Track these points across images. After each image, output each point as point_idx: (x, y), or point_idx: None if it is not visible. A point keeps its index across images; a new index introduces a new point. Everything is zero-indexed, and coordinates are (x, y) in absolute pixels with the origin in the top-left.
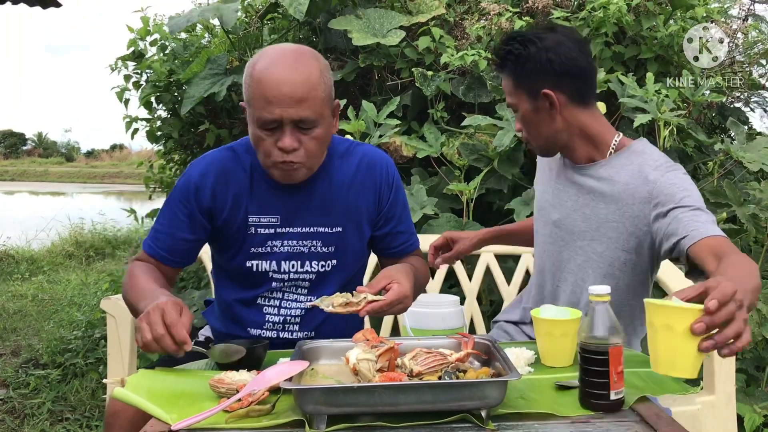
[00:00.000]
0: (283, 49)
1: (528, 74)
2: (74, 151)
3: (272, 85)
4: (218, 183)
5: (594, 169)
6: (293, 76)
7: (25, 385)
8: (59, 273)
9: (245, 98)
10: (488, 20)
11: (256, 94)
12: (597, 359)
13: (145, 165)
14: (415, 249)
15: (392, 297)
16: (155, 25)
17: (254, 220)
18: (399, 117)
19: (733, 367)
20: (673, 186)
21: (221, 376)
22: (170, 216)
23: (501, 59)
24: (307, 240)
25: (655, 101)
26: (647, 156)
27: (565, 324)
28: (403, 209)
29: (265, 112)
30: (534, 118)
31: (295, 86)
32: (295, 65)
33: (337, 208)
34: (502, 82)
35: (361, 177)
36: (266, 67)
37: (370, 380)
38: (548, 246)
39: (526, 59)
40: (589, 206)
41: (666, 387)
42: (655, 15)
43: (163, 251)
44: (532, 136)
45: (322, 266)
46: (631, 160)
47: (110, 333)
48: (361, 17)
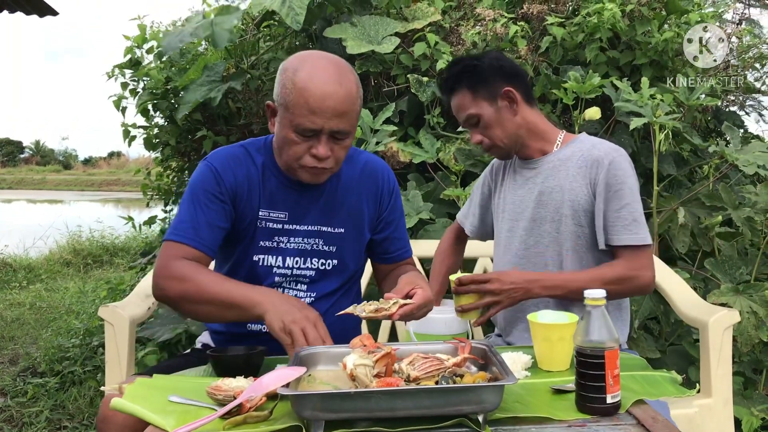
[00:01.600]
0: (325, 60)
1: (485, 80)
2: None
3: (318, 97)
4: (237, 172)
5: (546, 158)
6: (338, 90)
7: (23, 393)
8: (57, 281)
9: (279, 101)
10: (483, 26)
11: (299, 102)
12: (593, 363)
13: (142, 172)
14: (409, 257)
15: (419, 301)
16: (152, 33)
17: (264, 213)
18: (395, 123)
19: (730, 369)
20: (620, 177)
21: (218, 383)
22: (202, 207)
23: (453, 80)
24: (311, 238)
25: (650, 105)
26: (599, 145)
27: (562, 328)
28: (400, 217)
29: (307, 121)
30: (498, 119)
31: (339, 100)
32: (340, 79)
33: (342, 209)
34: (456, 103)
35: (364, 181)
36: (310, 77)
37: (368, 386)
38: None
39: (480, 69)
40: (545, 193)
41: (662, 390)
42: (650, 20)
43: (204, 241)
44: (498, 138)
45: (322, 264)
46: (579, 147)
47: (108, 341)
48: (356, 25)
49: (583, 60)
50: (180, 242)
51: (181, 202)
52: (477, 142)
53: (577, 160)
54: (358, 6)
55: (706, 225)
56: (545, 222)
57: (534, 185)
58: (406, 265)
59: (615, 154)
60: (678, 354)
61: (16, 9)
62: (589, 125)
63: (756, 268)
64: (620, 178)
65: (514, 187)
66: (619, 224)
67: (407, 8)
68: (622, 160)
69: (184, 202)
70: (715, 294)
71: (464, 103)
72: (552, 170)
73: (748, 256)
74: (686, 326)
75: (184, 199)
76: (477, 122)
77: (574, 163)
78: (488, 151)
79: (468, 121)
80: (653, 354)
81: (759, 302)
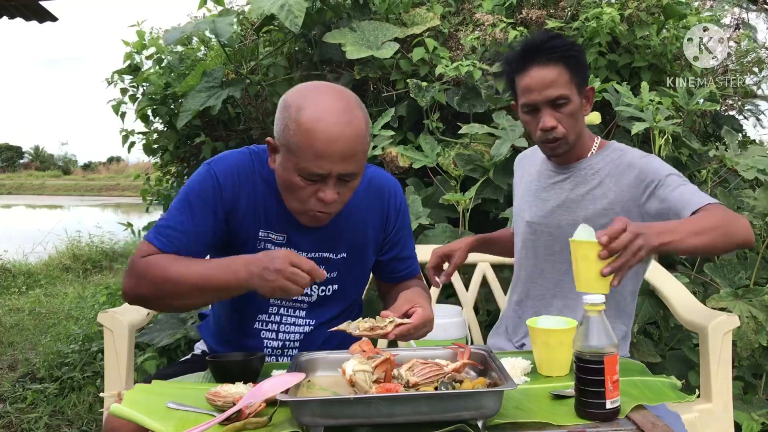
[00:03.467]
0: (330, 97)
1: (582, 69)
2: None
3: (325, 141)
4: (241, 186)
5: (579, 165)
6: (346, 132)
7: (22, 399)
8: (56, 286)
9: (283, 141)
10: (482, 31)
11: (305, 145)
12: (592, 368)
13: (142, 178)
14: (417, 273)
15: (417, 321)
16: (151, 39)
17: (264, 234)
18: (395, 128)
19: (730, 374)
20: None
21: (218, 389)
22: (191, 213)
23: (552, 52)
24: None
25: (651, 110)
26: (626, 150)
27: (561, 333)
28: (408, 235)
29: (314, 166)
30: (578, 113)
31: (348, 143)
32: (348, 119)
33: (343, 233)
34: (548, 76)
35: (369, 202)
36: (317, 118)
37: (367, 391)
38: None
39: (581, 54)
40: (576, 201)
41: (662, 395)
42: (648, 24)
43: (180, 251)
44: (572, 131)
45: (322, 290)
46: (612, 156)
47: (107, 347)
48: (355, 30)
49: None
50: (155, 246)
51: (173, 202)
52: (550, 126)
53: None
54: (357, 11)
55: None
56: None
57: (562, 191)
58: (411, 280)
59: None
60: (678, 359)
61: (16, 15)
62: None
63: (755, 272)
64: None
65: (538, 189)
66: (686, 196)
67: (406, 13)
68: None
69: (175, 204)
70: (714, 299)
71: (559, 80)
72: (583, 178)
73: (747, 261)
74: (686, 331)
75: (176, 200)
76: (562, 105)
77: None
78: (553, 142)
79: (553, 101)
80: (653, 359)
81: (758, 307)
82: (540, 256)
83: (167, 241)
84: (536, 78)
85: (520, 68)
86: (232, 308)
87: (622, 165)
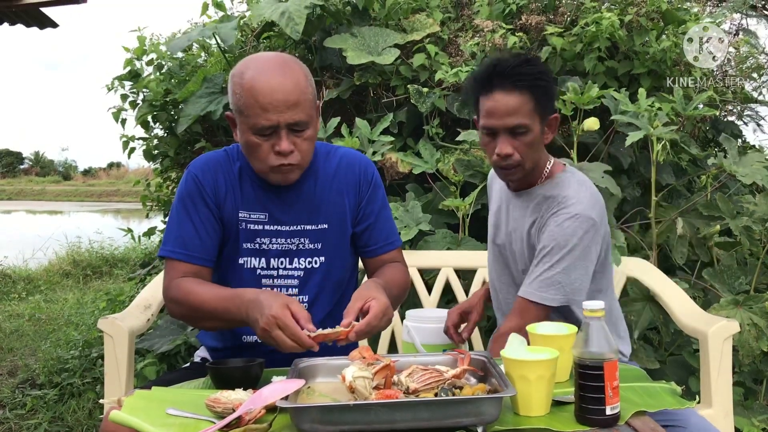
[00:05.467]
0: (267, 58)
1: (549, 98)
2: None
3: (266, 93)
4: (217, 176)
5: (532, 192)
6: (284, 81)
7: (21, 405)
8: (56, 292)
9: (234, 108)
10: (482, 37)
11: (250, 102)
12: (592, 374)
13: (142, 183)
14: (397, 247)
15: (371, 316)
16: (151, 45)
17: (244, 215)
18: (394, 133)
19: (730, 380)
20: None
21: (217, 396)
22: (190, 217)
23: (521, 79)
24: (295, 237)
25: (647, 116)
26: (564, 187)
27: (561, 339)
28: (382, 208)
29: (262, 119)
30: (538, 143)
31: (288, 91)
32: (284, 71)
33: (322, 205)
34: (511, 103)
35: (342, 174)
36: (256, 75)
37: (367, 398)
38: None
39: (549, 83)
40: (524, 229)
41: (661, 401)
42: (648, 30)
43: (198, 254)
44: (530, 160)
45: (309, 263)
46: (551, 188)
47: (107, 353)
48: (356, 35)
49: (582, 70)
50: (176, 259)
51: (171, 214)
52: (506, 153)
53: (546, 200)
54: (357, 17)
55: (704, 235)
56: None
57: (514, 217)
58: (389, 264)
59: (560, 224)
60: (678, 364)
61: (17, 21)
62: (588, 136)
63: (755, 278)
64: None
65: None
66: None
67: (406, 20)
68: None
69: (173, 214)
70: (715, 308)
71: (522, 108)
72: (535, 207)
73: (747, 266)
74: (686, 336)
75: (173, 211)
76: (521, 134)
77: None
78: (508, 169)
79: (512, 129)
80: (653, 365)
81: (759, 314)
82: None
83: (185, 251)
84: (499, 103)
85: (486, 90)
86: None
87: (543, 208)
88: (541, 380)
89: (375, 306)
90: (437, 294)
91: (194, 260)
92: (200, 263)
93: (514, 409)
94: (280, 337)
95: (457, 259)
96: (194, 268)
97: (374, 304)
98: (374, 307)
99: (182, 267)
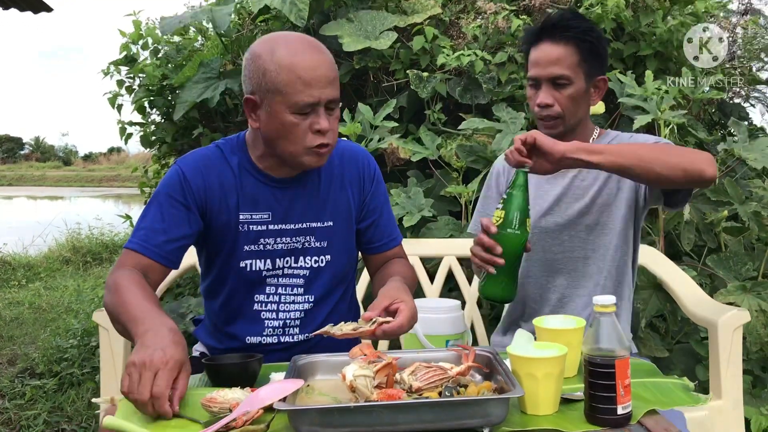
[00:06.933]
0: (294, 37)
1: (597, 56)
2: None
3: (308, 68)
4: (208, 176)
5: None
6: (322, 58)
7: (21, 395)
8: (56, 279)
9: (266, 88)
10: (485, 19)
11: (292, 79)
12: (603, 373)
13: (140, 170)
14: (399, 243)
15: (403, 319)
16: (148, 29)
17: (245, 216)
18: (395, 118)
19: (740, 371)
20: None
21: (213, 395)
22: (161, 212)
23: (567, 31)
24: (301, 236)
25: (655, 100)
26: (618, 135)
27: (569, 333)
28: (385, 203)
29: (305, 95)
30: (580, 99)
31: (328, 68)
32: (318, 48)
33: (328, 201)
34: (554, 54)
35: (344, 170)
36: (293, 53)
37: (368, 397)
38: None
39: (601, 41)
40: (577, 194)
41: (674, 398)
42: (654, 10)
43: (157, 249)
44: (570, 114)
45: (315, 261)
46: (608, 141)
47: (103, 346)
48: (352, 20)
49: None
50: (132, 249)
51: (146, 206)
52: (546, 103)
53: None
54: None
55: (712, 220)
56: (582, 214)
57: (562, 180)
58: (395, 260)
59: (633, 136)
60: (685, 352)
61: (10, 5)
62: (593, 120)
63: (763, 264)
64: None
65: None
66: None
67: (406, 1)
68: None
69: (147, 206)
70: (723, 294)
71: (565, 60)
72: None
73: (755, 252)
74: (693, 324)
75: (148, 203)
76: (562, 86)
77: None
78: (549, 120)
79: (553, 79)
80: (661, 353)
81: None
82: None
83: (140, 242)
84: (544, 53)
85: (534, 41)
86: (228, 294)
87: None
88: (549, 378)
89: (405, 309)
90: (440, 283)
91: (149, 253)
92: (155, 258)
93: (520, 407)
94: (145, 380)
95: (461, 247)
96: (147, 261)
97: (404, 308)
98: (404, 310)
99: (134, 257)
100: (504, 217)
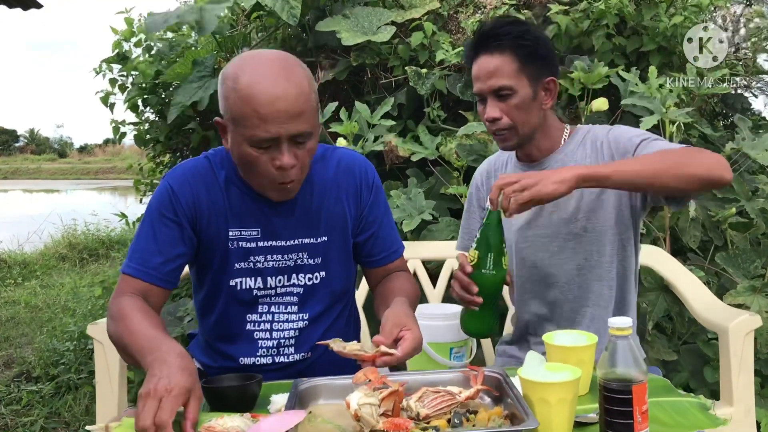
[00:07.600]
0: (266, 59)
1: (539, 58)
2: (67, 147)
3: (265, 102)
4: (198, 190)
5: (553, 157)
6: (287, 89)
7: (17, 400)
8: (53, 277)
9: (226, 115)
10: (484, 14)
11: (247, 112)
12: (619, 399)
13: (134, 168)
14: (401, 255)
15: (407, 349)
16: (140, 26)
17: (235, 233)
18: (394, 116)
19: (752, 377)
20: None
21: (212, 424)
22: (154, 232)
23: (501, 39)
24: (293, 253)
25: (659, 98)
26: (591, 128)
27: (581, 351)
28: (385, 213)
29: (260, 131)
30: (529, 106)
31: (291, 101)
32: (286, 76)
33: (321, 216)
34: (492, 65)
35: (340, 180)
36: (254, 81)
37: (374, 426)
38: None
39: (540, 42)
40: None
41: (693, 420)
42: (657, 4)
43: (154, 272)
44: (521, 124)
45: (309, 279)
46: (582, 138)
47: (98, 360)
48: (348, 16)
49: (588, 47)
50: (129, 275)
51: (139, 226)
52: (493, 117)
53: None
54: None
55: (719, 218)
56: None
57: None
58: (396, 273)
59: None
60: (692, 353)
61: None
62: (596, 117)
63: None
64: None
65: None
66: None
67: None
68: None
69: (141, 226)
70: (732, 294)
71: (504, 69)
72: (562, 165)
73: (761, 248)
74: (700, 324)
75: (141, 223)
76: (506, 96)
77: (580, 156)
78: (500, 133)
79: (495, 92)
80: (669, 356)
81: None
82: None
83: (137, 266)
84: (482, 66)
85: (473, 56)
86: (220, 312)
87: (595, 145)
88: (563, 403)
89: (409, 339)
90: (442, 286)
91: (147, 278)
92: (153, 282)
93: None
94: (148, 409)
95: None
96: (146, 286)
97: (408, 337)
98: (408, 340)
99: (133, 283)
100: (478, 258)
